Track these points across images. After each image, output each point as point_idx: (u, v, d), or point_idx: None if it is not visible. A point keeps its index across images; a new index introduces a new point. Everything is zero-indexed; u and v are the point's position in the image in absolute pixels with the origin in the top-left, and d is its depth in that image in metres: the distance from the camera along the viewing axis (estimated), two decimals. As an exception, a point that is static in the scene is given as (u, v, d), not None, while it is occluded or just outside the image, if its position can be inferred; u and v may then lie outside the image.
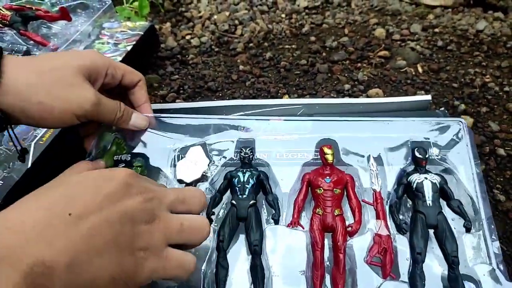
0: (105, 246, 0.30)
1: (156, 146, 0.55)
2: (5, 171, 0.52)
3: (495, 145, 0.67)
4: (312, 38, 0.95)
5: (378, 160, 0.55)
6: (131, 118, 0.53)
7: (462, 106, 0.74)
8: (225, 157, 0.55)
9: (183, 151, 0.55)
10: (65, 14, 0.74)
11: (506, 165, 0.64)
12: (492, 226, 0.48)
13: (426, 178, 0.51)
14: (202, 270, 0.46)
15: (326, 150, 0.53)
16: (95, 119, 0.48)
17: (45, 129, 0.57)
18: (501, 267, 0.46)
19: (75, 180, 0.35)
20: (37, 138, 0.56)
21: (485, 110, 0.74)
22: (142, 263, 0.33)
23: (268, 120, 0.58)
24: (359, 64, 0.86)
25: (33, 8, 0.76)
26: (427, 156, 0.53)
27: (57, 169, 0.59)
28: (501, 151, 0.66)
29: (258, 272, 0.45)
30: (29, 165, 0.53)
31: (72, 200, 0.31)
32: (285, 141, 0.56)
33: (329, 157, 0.52)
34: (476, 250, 0.48)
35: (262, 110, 0.64)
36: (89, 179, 0.35)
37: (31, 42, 0.74)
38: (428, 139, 0.56)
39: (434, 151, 0.55)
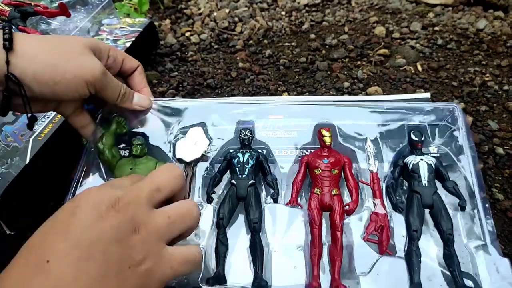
0: (100, 274, 0.28)
1: (155, 127, 0.56)
2: (3, 167, 0.52)
3: (494, 144, 0.67)
4: (312, 36, 0.94)
5: (375, 142, 0.55)
6: (134, 97, 0.54)
7: (461, 105, 0.74)
8: (223, 139, 0.56)
9: (183, 132, 0.56)
10: (64, 10, 0.74)
11: (505, 164, 0.64)
12: (487, 205, 0.50)
13: (422, 160, 0.52)
14: (203, 247, 0.47)
15: (324, 132, 0.54)
16: (101, 94, 0.49)
17: (43, 126, 0.57)
18: (495, 243, 0.47)
19: (39, 231, 0.31)
20: (35, 134, 0.56)
21: (485, 109, 0.74)
22: (148, 274, 0.31)
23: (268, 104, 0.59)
24: (358, 62, 0.86)
25: (32, 3, 0.76)
26: (422, 138, 0.54)
27: (55, 165, 0.59)
28: (500, 150, 0.66)
29: (257, 250, 0.46)
30: (27, 161, 0.53)
31: (44, 249, 0.28)
32: (285, 128, 0.57)
33: (327, 139, 0.53)
34: (470, 228, 0.49)
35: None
36: (54, 222, 0.31)
37: (30, 38, 0.74)
38: (424, 122, 0.57)
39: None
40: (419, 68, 0.84)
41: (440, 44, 0.90)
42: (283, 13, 1.04)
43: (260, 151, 0.54)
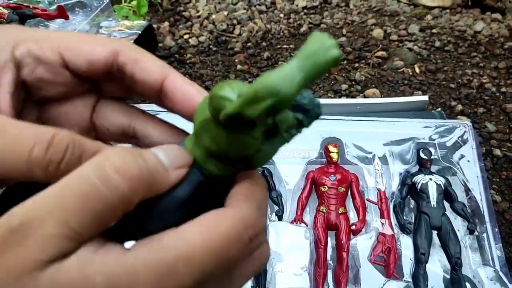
0: None
1: None
2: None
3: (492, 146, 0.67)
4: (310, 38, 0.94)
5: (383, 160, 0.55)
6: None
7: (459, 107, 0.74)
8: None
9: None
10: (62, 13, 0.74)
11: (502, 165, 0.64)
12: (496, 229, 0.49)
13: (431, 179, 0.51)
14: None
15: (331, 148, 0.53)
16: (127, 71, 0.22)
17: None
18: (505, 269, 0.46)
19: None
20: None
21: (482, 111, 0.74)
22: None
23: None
24: (356, 64, 0.86)
25: (31, 6, 0.76)
26: (431, 157, 0.53)
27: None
28: (497, 152, 0.66)
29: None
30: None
31: None
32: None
33: (334, 156, 0.53)
34: (479, 252, 0.48)
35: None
36: None
37: (29, 40, 0.74)
38: (434, 140, 0.56)
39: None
40: (417, 70, 0.84)
41: (438, 47, 0.90)
42: (282, 15, 1.05)
43: (265, 165, 0.53)
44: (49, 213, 0.15)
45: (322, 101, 0.68)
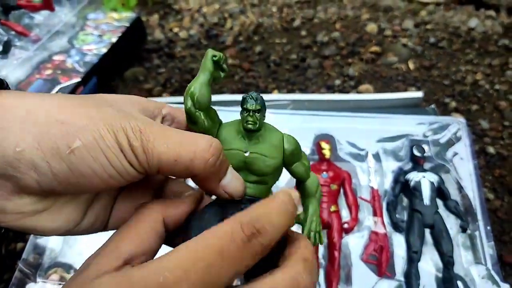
0: None
1: None
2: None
3: (485, 143, 0.67)
4: (303, 33, 0.93)
5: (376, 157, 0.54)
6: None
7: (453, 104, 0.73)
8: None
9: None
10: (48, 4, 0.72)
11: (495, 163, 0.64)
12: (488, 228, 0.48)
13: (424, 177, 0.51)
14: None
15: (324, 145, 0.52)
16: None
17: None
18: (496, 268, 0.45)
19: None
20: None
21: (476, 108, 0.73)
22: None
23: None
24: (350, 60, 0.85)
25: (14, -4, 0.73)
26: (425, 154, 0.53)
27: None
28: (491, 149, 0.65)
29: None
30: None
31: None
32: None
33: (326, 152, 0.52)
34: (471, 250, 0.48)
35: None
36: None
37: (13, 32, 0.71)
38: (427, 137, 0.56)
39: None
40: (411, 66, 0.83)
41: (432, 43, 0.89)
42: (274, 9, 1.03)
43: None
44: None
45: (315, 96, 0.67)
